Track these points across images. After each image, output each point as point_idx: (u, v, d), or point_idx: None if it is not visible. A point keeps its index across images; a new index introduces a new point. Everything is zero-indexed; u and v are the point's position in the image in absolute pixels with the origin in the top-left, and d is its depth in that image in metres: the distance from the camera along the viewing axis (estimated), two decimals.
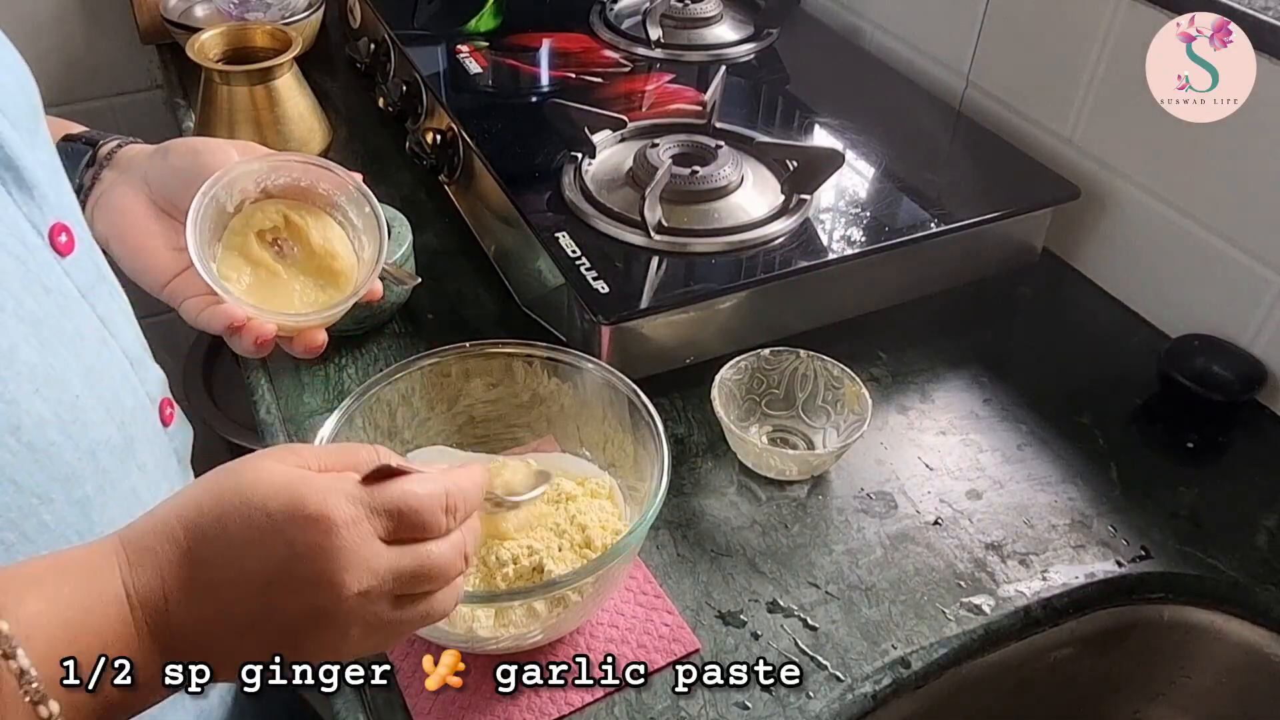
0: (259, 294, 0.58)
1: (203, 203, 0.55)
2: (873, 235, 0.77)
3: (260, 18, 1.10)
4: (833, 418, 0.70)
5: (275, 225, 0.59)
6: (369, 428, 0.61)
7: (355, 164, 0.99)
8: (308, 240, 0.59)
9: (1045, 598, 0.61)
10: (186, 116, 1.04)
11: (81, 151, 0.60)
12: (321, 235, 0.59)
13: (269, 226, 0.59)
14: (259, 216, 0.59)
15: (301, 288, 0.59)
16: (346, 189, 0.60)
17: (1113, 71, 0.81)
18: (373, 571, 0.39)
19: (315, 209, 0.60)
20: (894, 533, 0.65)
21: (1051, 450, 0.71)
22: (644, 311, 0.70)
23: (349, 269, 0.60)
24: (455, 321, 0.81)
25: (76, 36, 1.26)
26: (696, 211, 0.78)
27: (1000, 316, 0.85)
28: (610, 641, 0.58)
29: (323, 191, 0.60)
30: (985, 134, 0.93)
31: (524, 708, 0.54)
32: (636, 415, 0.59)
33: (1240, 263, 0.75)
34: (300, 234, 0.59)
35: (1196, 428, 0.74)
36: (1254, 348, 0.75)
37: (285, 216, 0.59)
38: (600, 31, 1.08)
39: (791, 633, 0.59)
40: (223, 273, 0.57)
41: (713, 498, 0.67)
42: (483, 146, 0.85)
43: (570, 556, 0.56)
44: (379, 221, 0.59)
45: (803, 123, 0.96)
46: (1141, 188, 0.82)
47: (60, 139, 0.61)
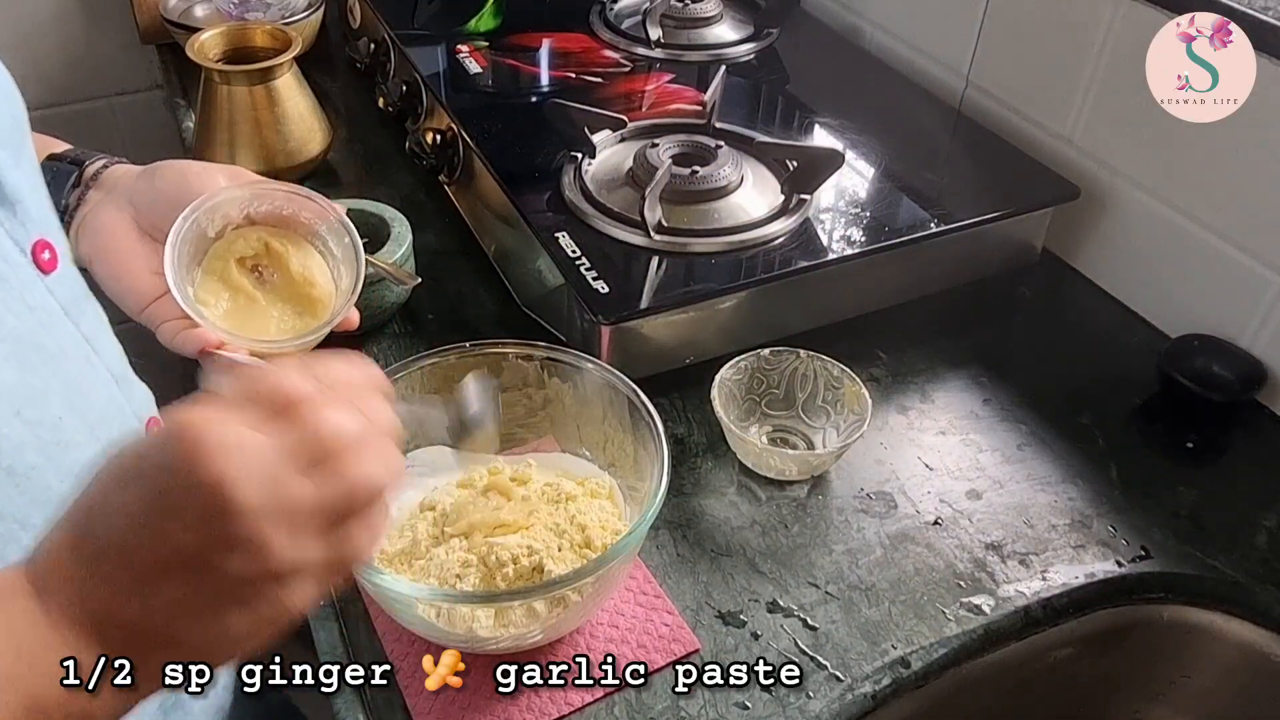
0: (235, 319, 0.58)
1: (183, 227, 0.55)
2: (873, 235, 0.77)
3: (260, 18, 1.10)
4: (833, 418, 0.70)
5: (256, 252, 0.59)
6: None
7: (355, 164, 1.00)
8: (287, 267, 0.59)
9: (1045, 598, 0.61)
10: (186, 116, 1.04)
11: (68, 171, 0.60)
12: (301, 263, 0.59)
13: (250, 253, 0.59)
14: (240, 243, 0.59)
15: (279, 314, 0.59)
16: (328, 219, 0.60)
17: (1113, 71, 0.81)
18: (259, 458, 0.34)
19: (297, 237, 0.60)
20: (894, 533, 0.65)
21: (1051, 450, 0.71)
22: (644, 311, 0.70)
23: (326, 297, 0.60)
24: (455, 321, 0.81)
25: (76, 36, 1.26)
26: (696, 211, 0.78)
27: (1000, 316, 0.85)
28: (610, 641, 0.58)
29: (305, 220, 0.60)
30: (985, 134, 0.93)
31: (524, 708, 0.54)
32: (636, 415, 0.59)
33: (1240, 263, 0.75)
34: (280, 261, 0.59)
35: (1196, 428, 0.74)
36: (1254, 348, 0.75)
37: (266, 243, 0.59)
38: (600, 31, 1.08)
39: (791, 633, 0.59)
40: (201, 297, 0.57)
41: (713, 498, 0.67)
42: (483, 146, 0.85)
43: (570, 556, 0.57)
44: (357, 253, 0.59)
45: (803, 123, 0.96)
46: (1141, 188, 0.82)
47: (45, 157, 0.60)
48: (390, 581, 0.52)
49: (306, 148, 0.93)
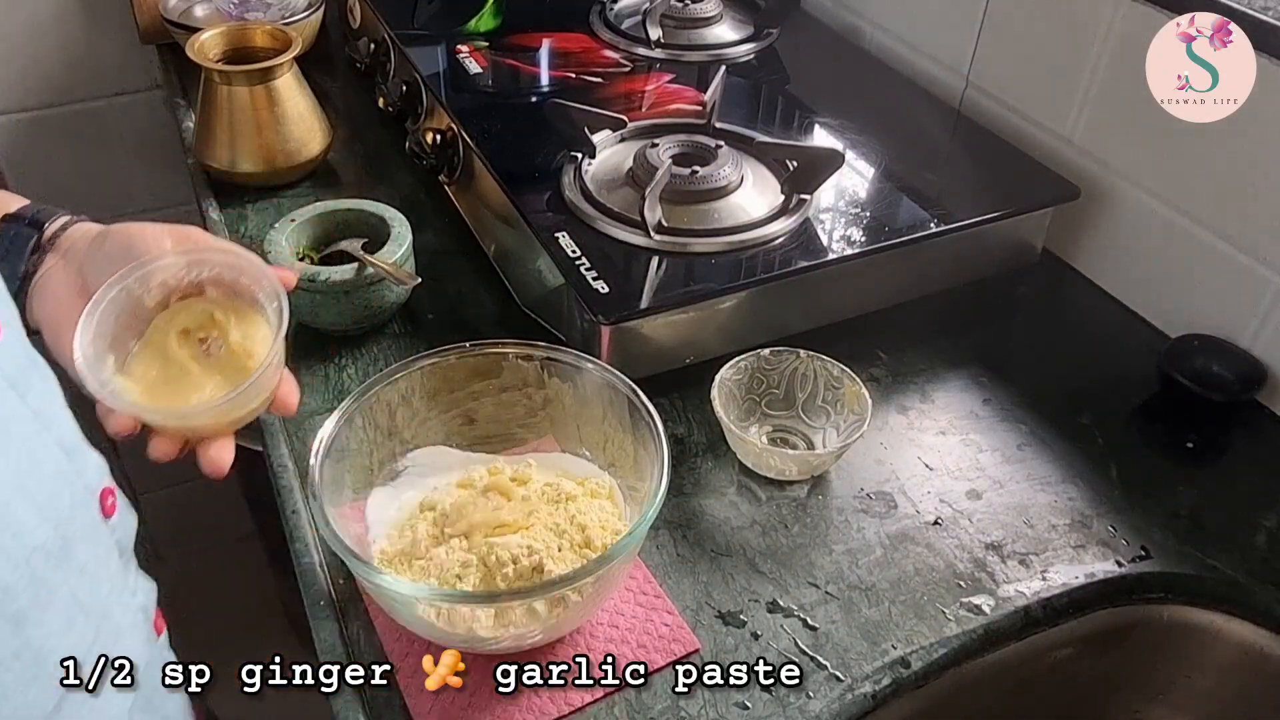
0: (160, 391, 0.54)
1: (105, 297, 0.53)
2: (873, 235, 0.77)
3: (260, 18, 1.10)
4: (833, 418, 0.70)
5: (201, 323, 0.57)
6: (369, 428, 0.61)
7: (355, 164, 1.00)
8: (228, 338, 0.57)
9: (1045, 598, 0.61)
10: (186, 116, 1.04)
11: (27, 236, 0.58)
12: (242, 334, 0.57)
13: (194, 324, 0.56)
14: (183, 314, 0.57)
15: (214, 387, 0.55)
16: (263, 285, 0.57)
17: (1113, 71, 0.81)
18: None
19: (243, 305, 0.58)
20: (894, 533, 0.65)
21: (1051, 450, 0.71)
22: (644, 311, 0.70)
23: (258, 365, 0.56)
24: (455, 321, 0.81)
25: (76, 36, 1.26)
26: (696, 211, 0.78)
27: (1000, 316, 0.85)
28: (610, 641, 0.58)
29: (245, 285, 0.58)
30: (985, 134, 0.93)
31: (524, 708, 0.54)
32: (636, 415, 0.59)
33: (1240, 263, 0.75)
34: (224, 331, 0.57)
35: (1196, 428, 0.74)
36: (1254, 348, 0.75)
37: (211, 314, 0.57)
38: (600, 31, 1.08)
39: (791, 633, 0.59)
40: (131, 369, 0.55)
41: (713, 498, 0.67)
42: (483, 146, 0.85)
43: (570, 556, 0.57)
44: (281, 319, 0.55)
45: (803, 123, 0.96)
46: (1141, 188, 0.82)
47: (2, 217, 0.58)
48: (390, 581, 0.52)
49: (306, 148, 0.93)
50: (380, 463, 0.62)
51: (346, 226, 0.80)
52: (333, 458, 0.57)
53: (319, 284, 0.73)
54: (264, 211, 0.92)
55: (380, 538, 0.60)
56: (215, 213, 0.92)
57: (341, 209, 0.80)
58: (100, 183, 1.35)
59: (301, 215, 0.79)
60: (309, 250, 0.80)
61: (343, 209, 0.80)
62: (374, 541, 0.59)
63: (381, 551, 0.59)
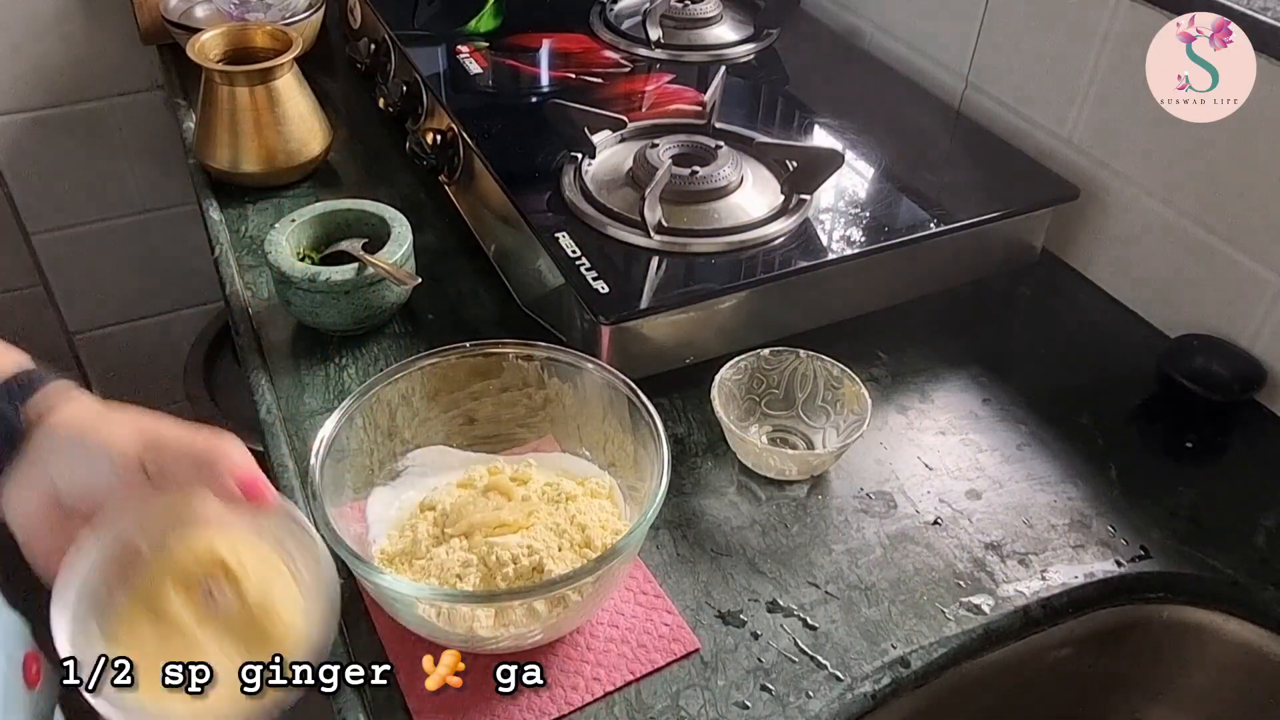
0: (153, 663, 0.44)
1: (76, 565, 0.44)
2: (872, 235, 0.77)
3: (260, 18, 1.10)
4: (832, 418, 0.70)
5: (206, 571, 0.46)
6: (369, 428, 0.61)
7: (355, 164, 1.00)
8: (241, 590, 0.46)
9: (1045, 598, 0.61)
10: (187, 117, 1.04)
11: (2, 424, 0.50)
12: (262, 586, 0.46)
13: (197, 571, 0.46)
14: (183, 555, 0.46)
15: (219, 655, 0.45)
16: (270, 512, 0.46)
17: (1113, 71, 0.82)
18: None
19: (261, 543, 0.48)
20: (893, 532, 0.65)
21: (1051, 450, 0.71)
22: (644, 311, 0.70)
23: (287, 635, 0.46)
24: (455, 321, 0.81)
25: (77, 36, 1.27)
26: (696, 211, 0.78)
27: (1000, 316, 0.85)
28: (610, 641, 0.58)
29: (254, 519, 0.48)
30: (985, 134, 0.93)
31: (524, 708, 0.54)
32: (636, 415, 0.59)
33: (1240, 263, 0.75)
34: (236, 581, 0.47)
35: (1196, 428, 0.74)
36: (1253, 348, 0.75)
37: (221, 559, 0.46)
38: (600, 32, 1.08)
39: (791, 632, 0.59)
40: (113, 632, 0.44)
41: (713, 498, 0.67)
42: (483, 146, 0.85)
43: (570, 556, 0.57)
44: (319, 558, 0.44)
45: (803, 123, 0.96)
46: (1141, 188, 0.82)
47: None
48: (390, 581, 0.52)
49: (307, 148, 0.94)
50: (380, 463, 0.62)
51: (347, 227, 0.80)
52: (333, 458, 0.57)
53: (319, 284, 0.73)
54: (264, 212, 0.92)
55: (380, 538, 0.60)
56: (216, 213, 0.92)
57: (342, 209, 0.80)
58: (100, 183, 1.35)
59: (302, 215, 0.79)
60: (309, 250, 0.80)
61: (343, 209, 0.80)
62: (374, 541, 0.59)
63: (382, 551, 0.59)
